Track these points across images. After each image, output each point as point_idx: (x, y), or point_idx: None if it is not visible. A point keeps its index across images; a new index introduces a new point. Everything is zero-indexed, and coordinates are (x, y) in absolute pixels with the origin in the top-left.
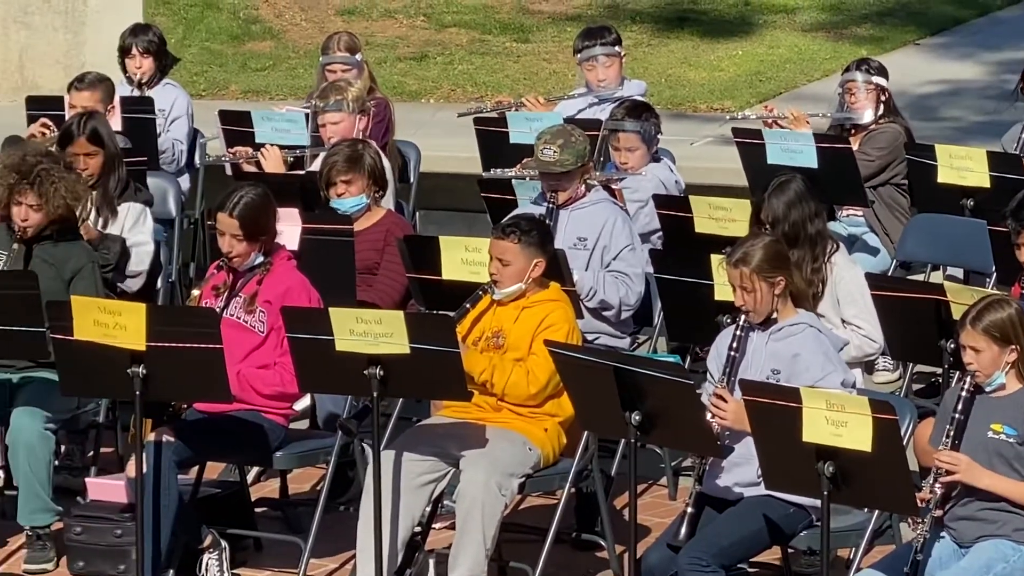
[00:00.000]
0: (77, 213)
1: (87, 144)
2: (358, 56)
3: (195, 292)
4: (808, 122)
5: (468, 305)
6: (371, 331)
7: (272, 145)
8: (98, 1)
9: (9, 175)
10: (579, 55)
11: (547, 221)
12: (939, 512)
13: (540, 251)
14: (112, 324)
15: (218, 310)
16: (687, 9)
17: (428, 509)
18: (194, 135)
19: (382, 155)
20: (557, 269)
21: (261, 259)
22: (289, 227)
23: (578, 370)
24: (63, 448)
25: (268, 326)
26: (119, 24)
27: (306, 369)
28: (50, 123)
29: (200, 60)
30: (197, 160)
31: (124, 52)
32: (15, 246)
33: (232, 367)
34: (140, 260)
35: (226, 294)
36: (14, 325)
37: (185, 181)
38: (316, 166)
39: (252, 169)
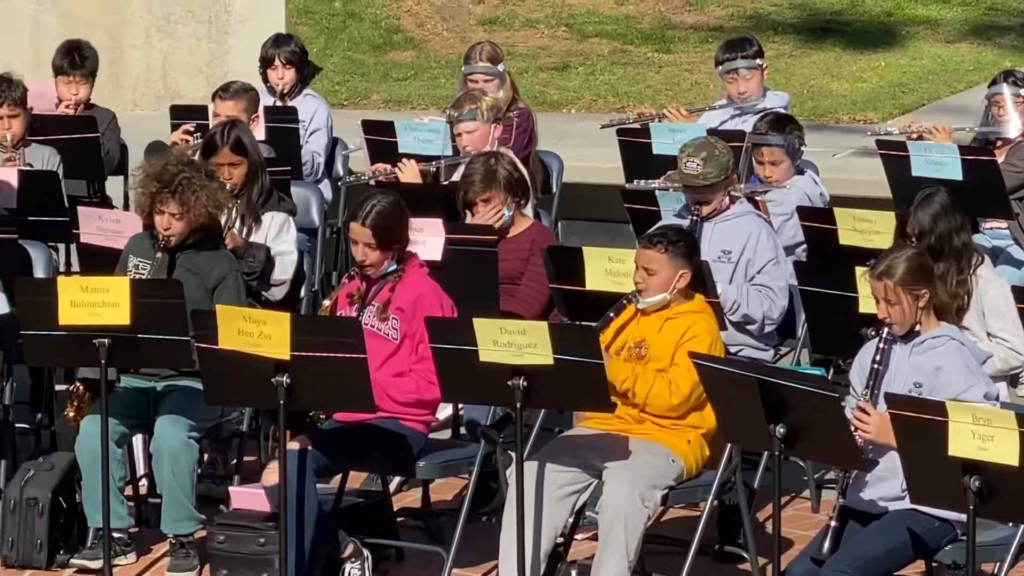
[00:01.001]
0: (220, 221)
1: (231, 154)
2: (500, 66)
3: (326, 302)
4: (951, 134)
5: (612, 314)
6: (515, 342)
7: (409, 158)
8: (241, 10)
9: (151, 184)
10: (721, 67)
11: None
12: None
13: (686, 262)
14: (257, 333)
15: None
16: (830, 20)
17: (570, 520)
18: (333, 145)
19: (517, 162)
20: (702, 281)
21: (394, 267)
22: (433, 237)
23: (722, 382)
24: (206, 457)
25: (401, 333)
26: (262, 33)
27: (450, 379)
28: (192, 129)
29: (342, 69)
30: (340, 169)
31: (266, 63)
32: (159, 255)
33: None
34: (284, 269)
35: (360, 302)
36: (159, 334)
37: (327, 190)
38: (458, 176)
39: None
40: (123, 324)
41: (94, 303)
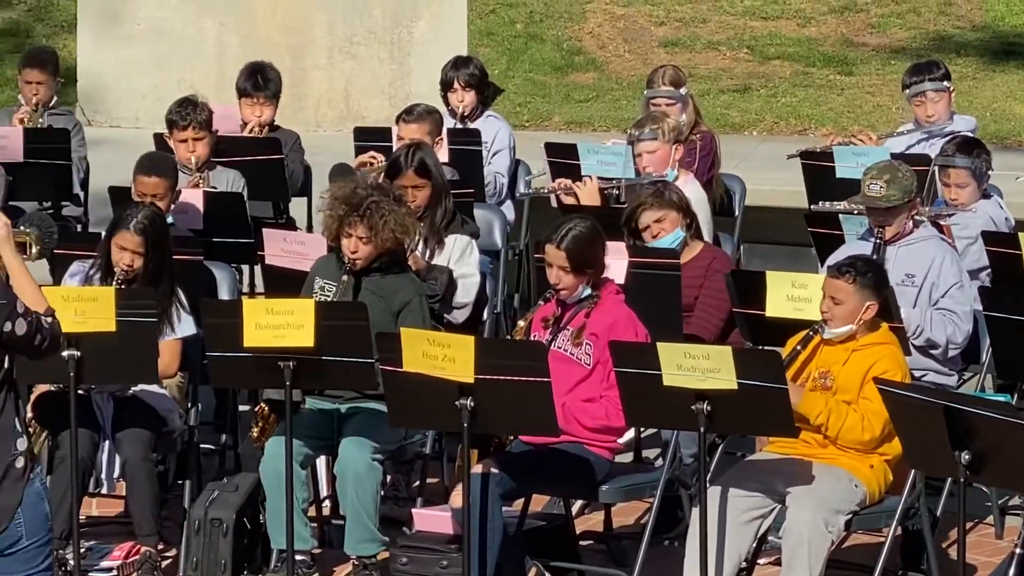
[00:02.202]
0: (405, 245)
1: (415, 176)
2: (683, 90)
3: (520, 324)
4: None
5: (800, 347)
6: (699, 366)
7: (590, 177)
8: (423, 32)
9: (339, 207)
10: (908, 90)
11: (874, 256)
12: None
13: (874, 293)
14: (441, 356)
15: (546, 342)
16: (1013, 42)
17: (754, 545)
18: (516, 166)
19: (684, 193)
20: (885, 305)
21: (589, 292)
22: (616, 260)
23: (907, 408)
24: (389, 478)
25: (594, 359)
26: (444, 55)
27: (633, 403)
28: (378, 155)
29: (524, 91)
30: (521, 189)
31: (445, 86)
32: (344, 278)
33: (558, 399)
34: (466, 292)
35: (554, 326)
36: (343, 356)
37: (510, 212)
38: None
39: (572, 201)
40: (308, 346)
41: (279, 325)
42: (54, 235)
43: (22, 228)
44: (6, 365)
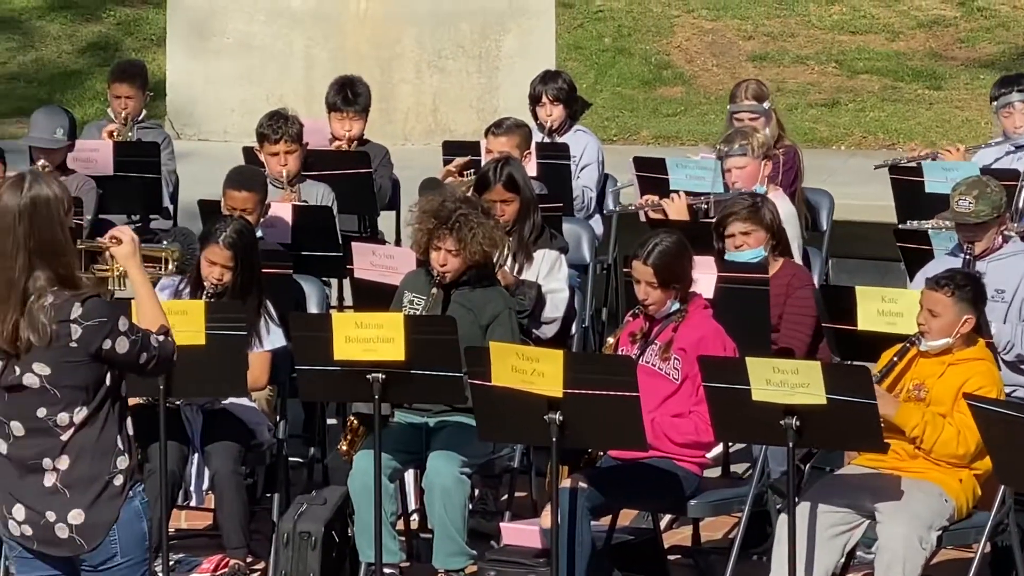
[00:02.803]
0: (493, 259)
1: (503, 191)
2: (766, 104)
3: (610, 340)
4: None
5: (896, 359)
6: (787, 381)
7: (679, 193)
8: (511, 46)
9: (428, 220)
10: (995, 102)
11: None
12: None
13: (971, 308)
14: (530, 371)
15: (634, 357)
16: None
17: (841, 561)
18: (604, 181)
19: (779, 212)
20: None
21: (677, 306)
22: (704, 275)
23: (997, 424)
24: (477, 492)
25: (683, 374)
26: (532, 69)
27: (722, 418)
28: (463, 163)
29: (612, 105)
30: (611, 205)
31: (534, 100)
32: (434, 291)
33: (647, 414)
34: (555, 307)
35: (642, 341)
36: (432, 370)
37: (599, 226)
38: None
39: (660, 216)
40: (397, 360)
41: (368, 338)
42: (195, 252)
43: (165, 244)
44: (107, 382)
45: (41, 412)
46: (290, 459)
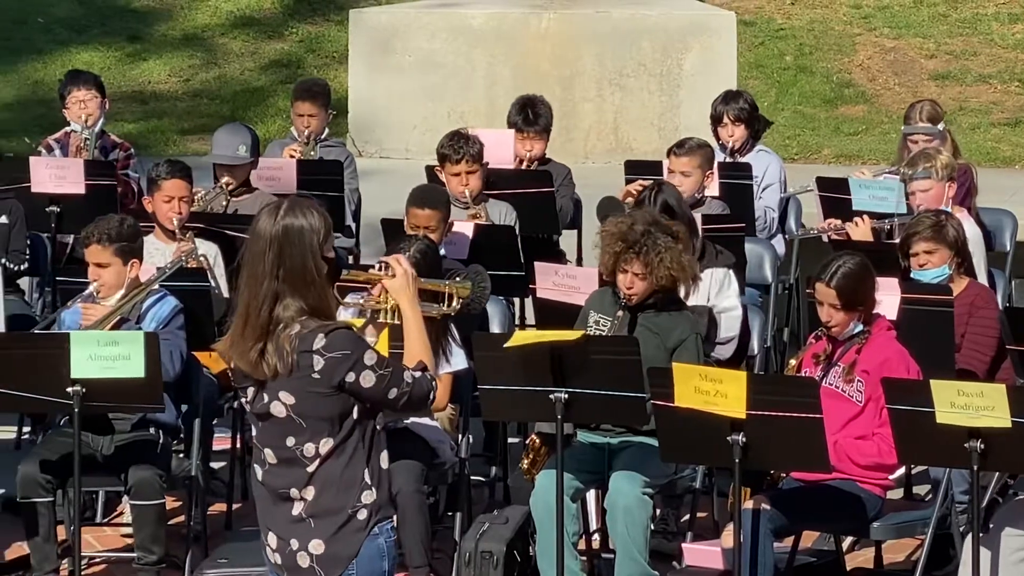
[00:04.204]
0: (680, 282)
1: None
2: (940, 126)
3: (792, 361)
4: None
5: None
6: (972, 404)
7: (863, 217)
8: (693, 64)
9: (616, 243)
10: None
11: None
12: None
13: None
14: (713, 391)
15: (817, 379)
16: None
17: None
18: (787, 202)
19: (964, 229)
20: None
21: (860, 328)
22: (888, 296)
23: None
24: (658, 512)
25: (866, 396)
26: (713, 87)
27: (905, 440)
28: (640, 187)
29: (793, 124)
30: (793, 224)
31: (715, 120)
32: (620, 313)
33: (830, 437)
34: (729, 326)
35: (825, 363)
36: (615, 390)
37: (780, 246)
38: None
39: (843, 237)
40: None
41: None
42: (486, 291)
43: (457, 280)
44: (355, 415)
45: (289, 441)
46: (472, 478)
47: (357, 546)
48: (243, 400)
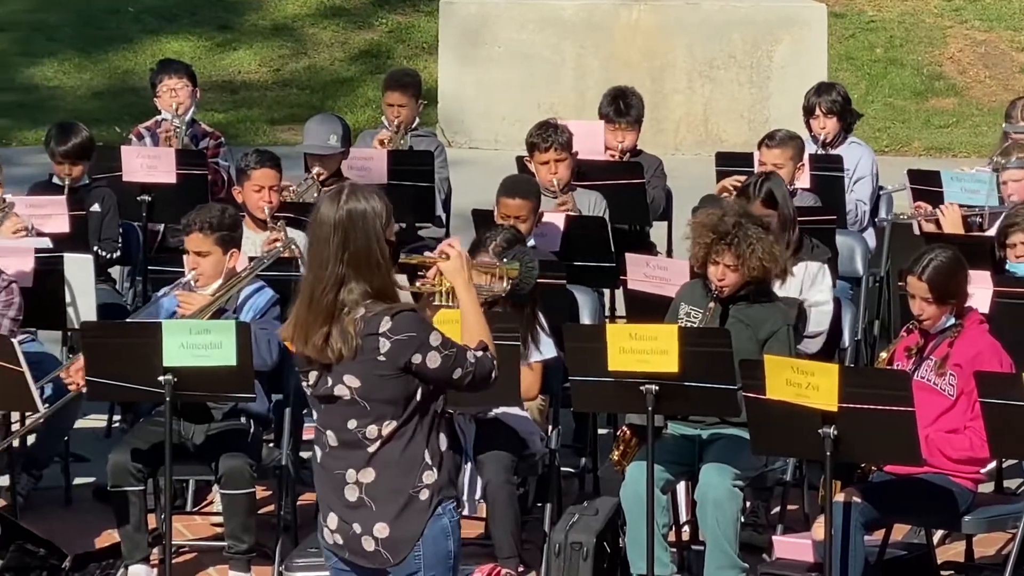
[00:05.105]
0: (772, 274)
1: (762, 207)
2: None
3: (883, 355)
4: None
5: None
6: None
7: (952, 204)
8: (783, 56)
9: (706, 234)
10: None
11: None
12: None
13: None
14: (805, 384)
15: (909, 372)
16: None
17: None
18: (877, 194)
19: None
20: None
21: (952, 321)
22: (980, 289)
23: None
24: (749, 505)
25: (958, 390)
26: (803, 79)
27: (998, 434)
28: (742, 180)
29: (883, 116)
30: (883, 212)
31: (808, 112)
32: (711, 305)
33: (921, 430)
34: (819, 320)
35: (917, 356)
36: (706, 382)
37: (871, 239)
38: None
39: (933, 229)
40: (671, 371)
41: (643, 350)
42: (534, 271)
43: (504, 261)
44: (418, 397)
45: (351, 424)
46: (562, 469)
47: (421, 526)
48: (305, 384)
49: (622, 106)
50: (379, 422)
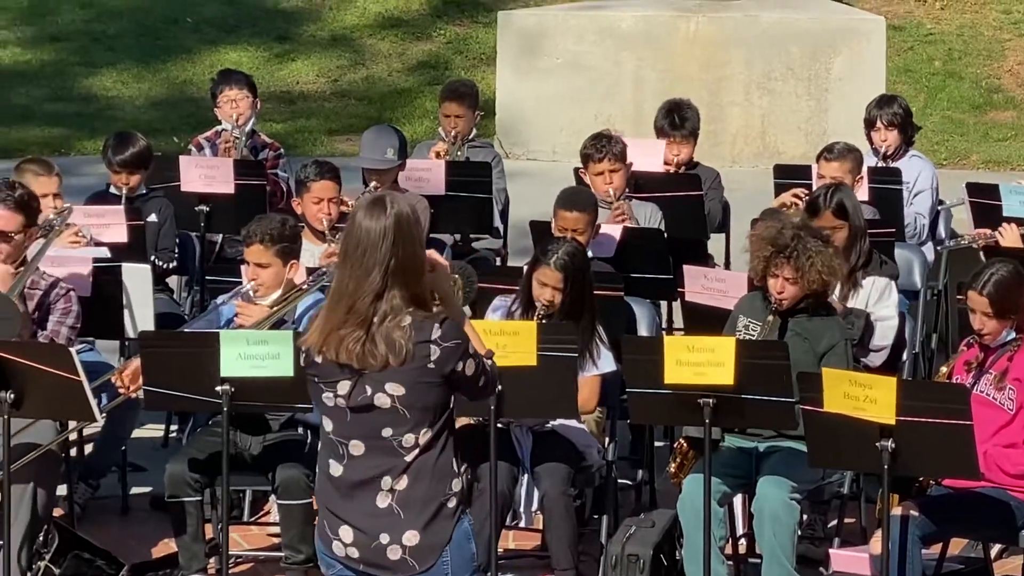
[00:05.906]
0: (832, 287)
1: (832, 218)
2: None
3: (943, 369)
4: None
5: None
6: None
7: (1010, 222)
8: (841, 68)
9: (765, 247)
10: None
11: None
12: None
13: None
14: (863, 397)
15: (968, 386)
16: None
17: None
18: (937, 208)
19: None
20: None
21: (1012, 336)
22: None
23: None
24: (806, 518)
25: (1017, 404)
26: (861, 92)
27: None
28: (801, 193)
29: (941, 129)
30: (943, 231)
31: (869, 124)
32: (770, 318)
33: (980, 445)
34: (884, 335)
35: (976, 370)
36: (763, 395)
37: (930, 252)
38: None
39: (993, 243)
40: (727, 384)
41: (700, 362)
42: (474, 285)
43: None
44: (451, 405)
45: (386, 432)
46: (619, 481)
47: (449, 533)
48: (328, 395)
49: (677, 119)
50: (416, 430)
